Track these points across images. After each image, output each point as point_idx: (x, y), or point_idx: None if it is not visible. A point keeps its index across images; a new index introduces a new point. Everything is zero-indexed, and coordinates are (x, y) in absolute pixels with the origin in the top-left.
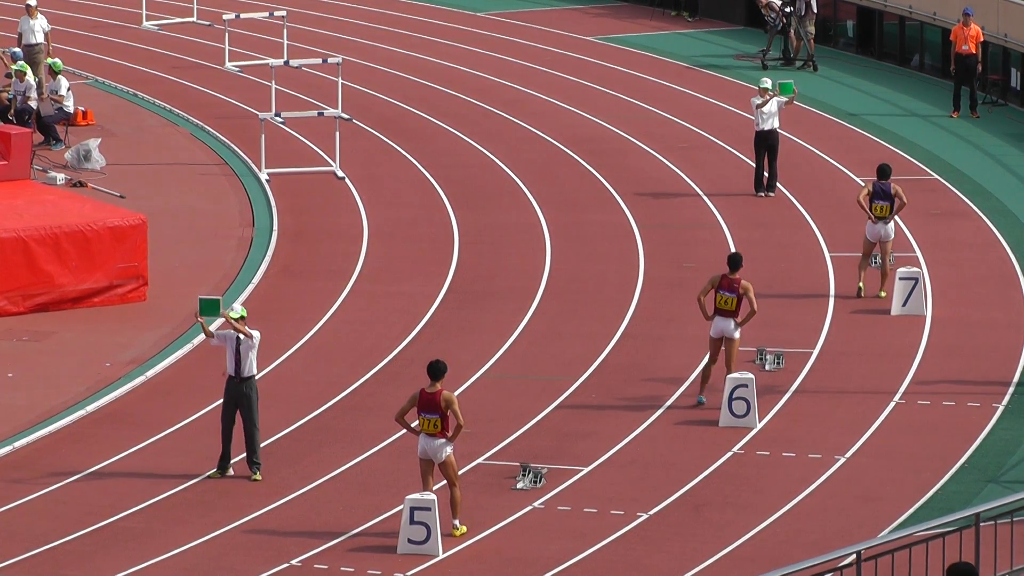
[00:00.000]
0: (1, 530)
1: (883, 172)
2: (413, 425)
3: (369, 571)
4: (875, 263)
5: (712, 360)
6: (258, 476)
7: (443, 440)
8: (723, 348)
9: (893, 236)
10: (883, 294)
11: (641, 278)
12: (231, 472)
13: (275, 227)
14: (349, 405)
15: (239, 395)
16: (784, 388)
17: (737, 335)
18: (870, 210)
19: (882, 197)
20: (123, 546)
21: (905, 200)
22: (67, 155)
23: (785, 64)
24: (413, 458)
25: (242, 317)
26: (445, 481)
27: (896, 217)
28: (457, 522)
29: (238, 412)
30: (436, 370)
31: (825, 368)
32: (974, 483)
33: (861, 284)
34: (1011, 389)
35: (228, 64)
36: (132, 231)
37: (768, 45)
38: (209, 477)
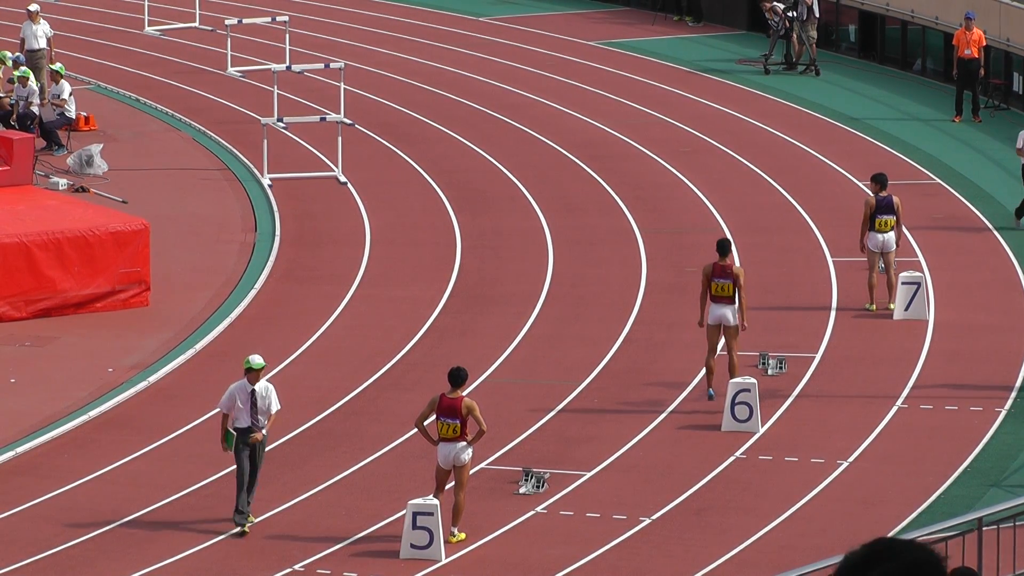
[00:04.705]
0: (4, 535)
1: (883, 182)
2: (428, 422)
3: None
4: (881, 269)
5: (712, 350)
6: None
7: (463, 443)
8: (723, 337)
9: (896, 247)
10: (893, 306)
11: (643, 282)
12: (252, 520)
13: (277, 232)
14: (351, 410)
15: (254, 444)
16: (787, 393)
17: (735, 322)
18: (874, 226)
19: (886, 211)
20: (126, 551)
21: (902, 216)
22: (69, 160)
23: (787, 68)
24: (416, 462)
25: (261, 368)
26: (453, 484)
27: (904, 228)
28: (455, 529)
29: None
30: (457, 377)
31: (827, 373)
32: (977, 487)
33: (873, 306)
34: (1014, 393)
35: (230, 69)
36: (134, 236)
37: (770, 49)
38: (236, 535)
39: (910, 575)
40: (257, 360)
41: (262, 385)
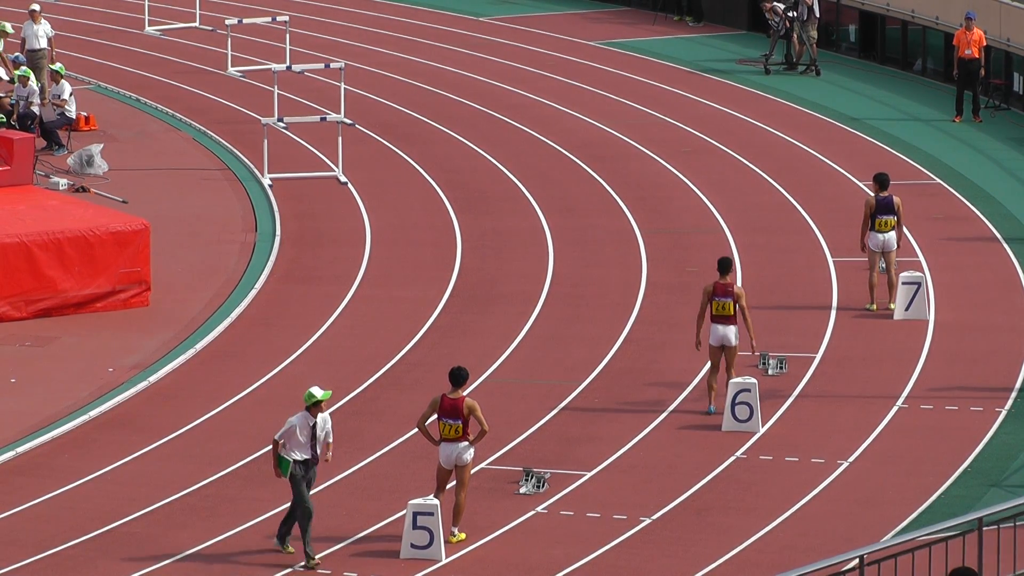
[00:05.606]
0: (4, 535)
1: (884, 183)
2: (430, 422)
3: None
4: (881, 269)
5: (714, 369)
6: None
7: (465, 443)
8: (723, 356)
9: (896, 246)
10: (893, 306)
11: (644, 283)
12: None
13: (278, 232)
14: (352, 410)
15: (312, 476)
16: (787, 392)
17: (736, 342)
18: (874, 226)
19: (886, 211)
20: (126, 551)
21: (902, 216)
22: (70, 160)
23: (788, 69)
24: (416, 462)
25: (327, 399)
26: (454, 483)
27: (905, 228)
28: (455, 529)
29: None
30: (458, 377)
31: (828, 373)
32: (977, 487)
33: (874, 306)
34: (1014, 393)
35: (231, 69)
36: (135, 236)
37: (771, 50)
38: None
39: None
40: (324, 392)
41: (322, 416)
